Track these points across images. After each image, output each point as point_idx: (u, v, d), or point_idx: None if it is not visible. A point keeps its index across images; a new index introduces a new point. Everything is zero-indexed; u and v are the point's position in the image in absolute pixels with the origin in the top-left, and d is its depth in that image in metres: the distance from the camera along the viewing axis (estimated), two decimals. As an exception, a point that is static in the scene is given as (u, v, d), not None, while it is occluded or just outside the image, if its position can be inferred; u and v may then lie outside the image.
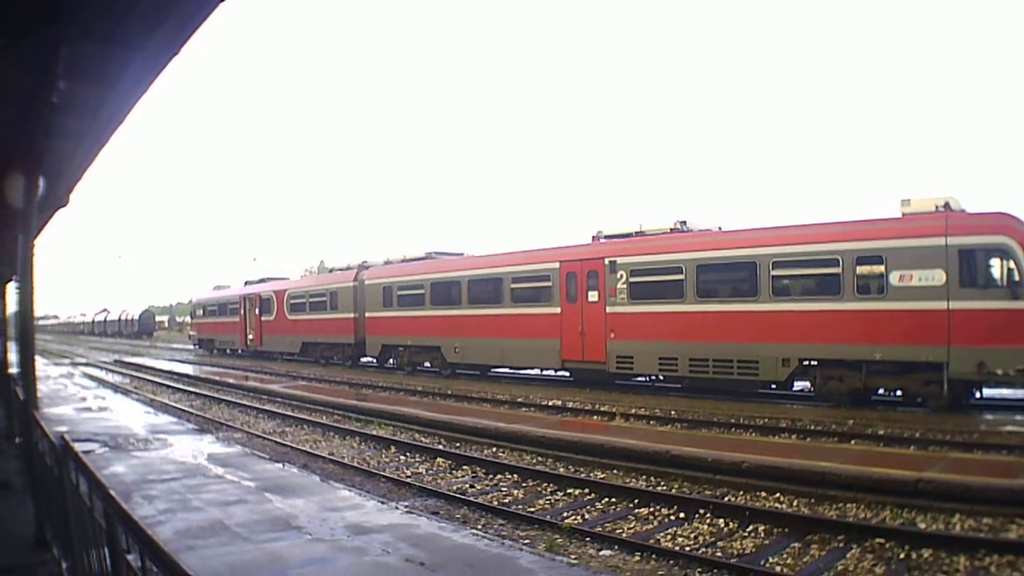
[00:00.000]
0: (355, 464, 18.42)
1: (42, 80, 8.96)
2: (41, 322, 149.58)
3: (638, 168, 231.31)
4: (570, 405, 26.02)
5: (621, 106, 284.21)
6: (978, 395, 22.87)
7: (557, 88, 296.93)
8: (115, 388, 37.49)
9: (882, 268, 21.89)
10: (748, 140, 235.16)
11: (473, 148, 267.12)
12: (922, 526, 12.12)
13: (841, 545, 11.44)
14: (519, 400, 27.83)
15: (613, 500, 14.66)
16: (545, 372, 36.00)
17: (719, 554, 11.33)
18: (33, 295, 13.11)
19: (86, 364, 57.14)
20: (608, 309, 29.07)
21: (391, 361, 43.37)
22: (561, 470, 17.26)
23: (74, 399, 29.23)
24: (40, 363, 26.54)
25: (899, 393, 22.63)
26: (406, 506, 12.96)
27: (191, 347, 76.19)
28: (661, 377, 29.22)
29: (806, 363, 23.97)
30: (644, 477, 16.25)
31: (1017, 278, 19.92)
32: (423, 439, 21.64)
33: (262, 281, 59.44)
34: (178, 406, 30.69)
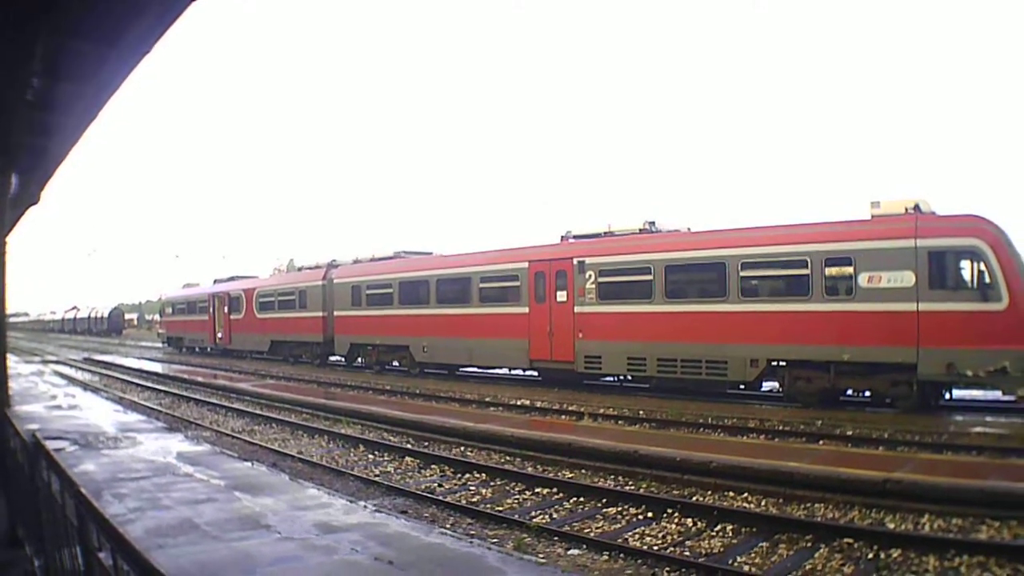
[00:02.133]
0: (324, 463, 18.41)
1: (16, 77, 8.94)
2: (12, 319, 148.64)
3: (607, 169, 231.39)
4: (538, 405, 26.06)
5: (590, 106, 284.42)
6: (947, 396, 23.00)
7: (527, 89, 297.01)
8: (85, 386, 37.24)
9: (851, 269, 21.97)
10: (718, 141, 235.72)
11: (443, 148, 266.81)
12: (891, 526, 12.17)
13: (809, 545, 11.48)
14: (487, 399, 27.85)
15: (581, 499, 14.68)
16: (513, 372, 36.18)
17: (687, 553, 11.37)
18: (4, 293, 13.08)
19: (56, 362, 56.78)
20: (576, 309, 29.11)
21: (359, 360, 43.51)
22: (529, 469, 17.29)
23: (44, 397, 29.09)
24: (11, 360, 26.43)
25: (868, 394, 22.70)
26: (375, 505, 12.97)
27: (160, 345, 75.95)
28: (629, 377, 29.28)
29: (774, 364, 24.06)
30: (612, 477, 16.27)
31: (987, 280, 20.01)
32: (391, 438, 21.62)
33: (231, 279, 59.26)
34: (147, 404, 30.59)
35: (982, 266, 20.18)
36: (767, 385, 26.15)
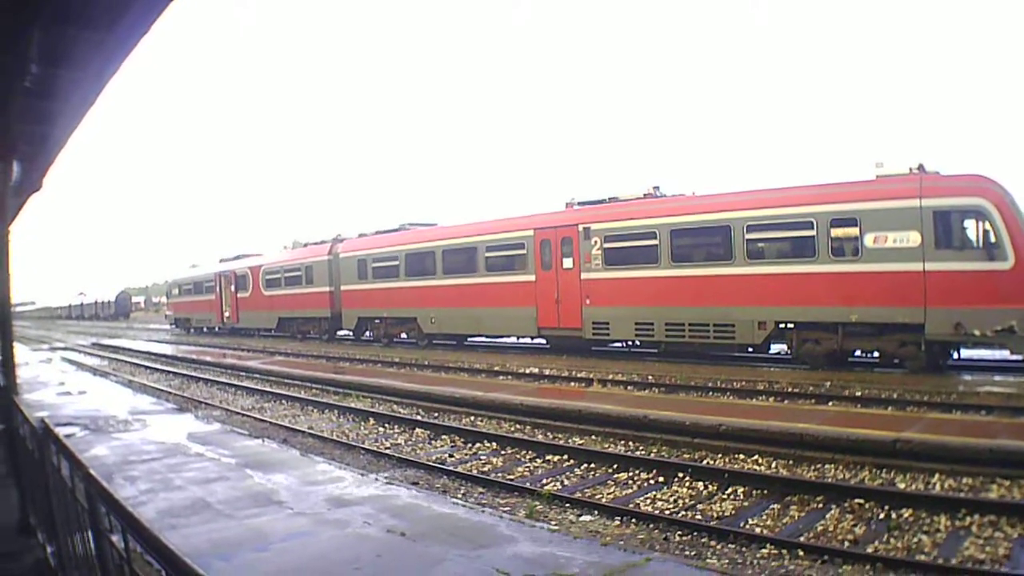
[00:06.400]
0: (334, 437, 18.46)
1: (14, 64, 8.92)
2: (19, 308, 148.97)
3: (612, 136, 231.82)
4: (547, 372, 26.10)
5: (595, 75, 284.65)
6: (955, 356, 23.03)
7: (532, 60, 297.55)
8: (94, 371, 37.34)
9: (856, 230, 21.90)
10: (723, 106, 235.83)
11: (447, 119, 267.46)
12: (901, 486, 12.22)
13: (820, 506, 11.53)
14: (496, 368, 27.86)
15: (592, 466, 14.77)
16: (521, 340, 36.27)
17: (699, 517, 11.42)
18: (10, 281, 13.08)
19: (64, 348, 56.93)
20: (583, 276, 29.12)
21: (367, 333, 43.61)
22: (539, 437, 17.35)
23: (54, 383, 29.10)
24: (19, 349, 26.31)
25: (876, 355, 22.71)
26: (386, 477, 13.02)
27: (168, 327, 76.00)
28: (637, 342, 29.36)
29: (782, 326, 24.05)
30: (622, 442, 16.34)
31: (993, 239, 19.94)
32: (401, 410, 21.70)
33: (237, 258, 59.01)
34: (157, 386, 30.64)
35: (987, 225, 20.10)
36: (775, 347, 26.11)
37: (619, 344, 30.73)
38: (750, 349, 25.60)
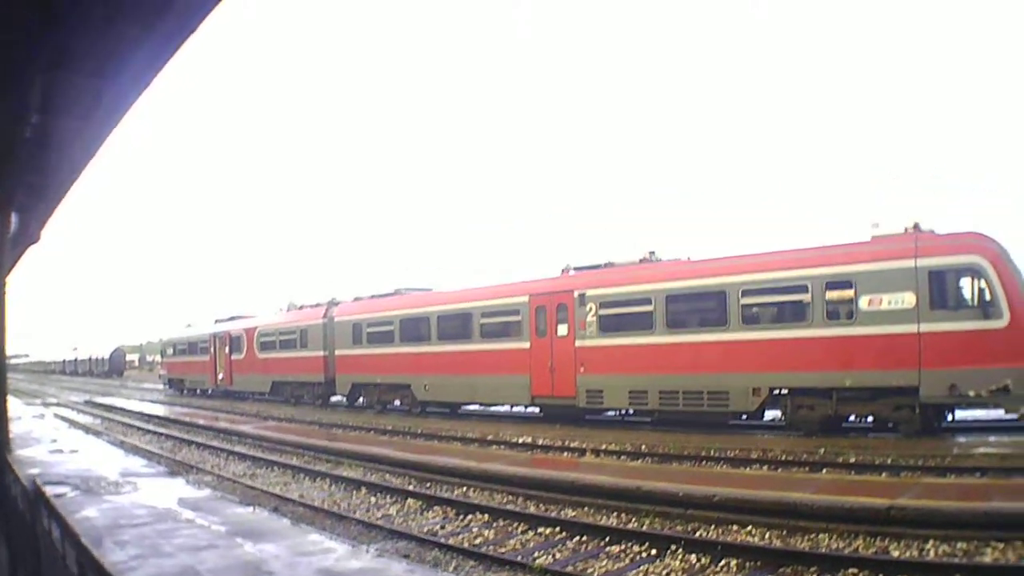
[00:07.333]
0: (326, 507, 18.36)
1: (14, 113, 8.95)
2: (12, 361, 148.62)
3: (607, 202, 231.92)
4: (540, 442, 26.00)
5: (590, 139, 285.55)
6: (950, 418, 22.97)
7: (525, 123, 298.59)
8: (86, 429, 37.18)
9: (851, 293, 21.95)
10: (717, 167, 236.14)
11: (442, 183, 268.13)
12: (895, 554, 12.14)
13: (814, 577, 11.44)
14: (489, 438, 27.75)
15: (584, 538, 14.63)
16: (515, 408, 36.05)
17: (692, 590, 11.33)
18: (4, 333, 13.06)
19: (57, 404, 56.83)
20: (577, 343, 29.04)
21: (361, 400, 43.36)
22: (532, 509, 17.23)
23: (46, 440, 28.85)
24: (12, 403, 26.23)
25: (870, 419, 22.66)
26: (377, 549, 12.89)
27: (161, 387, 75.67)
28: (631, 411, 29.19)
29: (776, 392, 23.98)
30: (615, 514, 16.21)
31: (988, 297, 20.02)
32: (393, 480, 21.56)
33: (232, 319, 58.94)
34: (148, 448, 30.54)
35: (982, 283, 20.19)
36: (769, 414, 26.00)
37: (612, 412, 30.62)
38: (744, 416, 25.52)
